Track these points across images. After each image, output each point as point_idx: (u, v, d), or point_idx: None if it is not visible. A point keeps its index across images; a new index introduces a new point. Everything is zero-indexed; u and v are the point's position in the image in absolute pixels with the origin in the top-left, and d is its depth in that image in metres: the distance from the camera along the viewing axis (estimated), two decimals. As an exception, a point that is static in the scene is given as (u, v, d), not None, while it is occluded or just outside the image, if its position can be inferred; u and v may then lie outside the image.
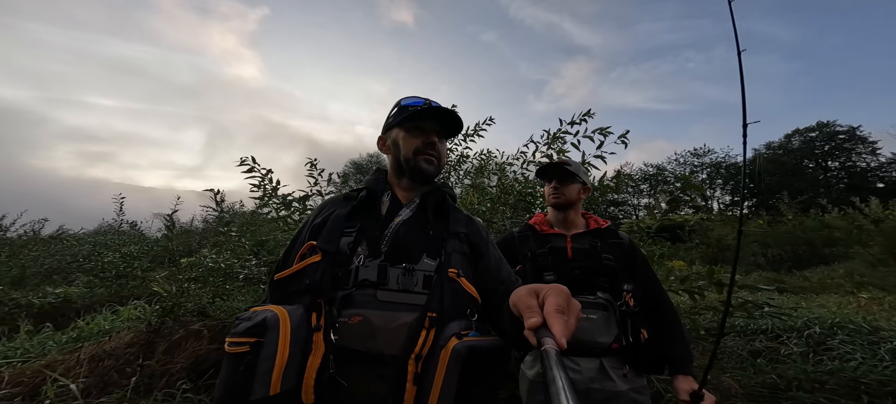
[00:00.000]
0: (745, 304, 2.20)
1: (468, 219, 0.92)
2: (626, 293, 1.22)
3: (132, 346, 2.02)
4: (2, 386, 1.60)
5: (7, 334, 2.70)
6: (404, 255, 0.77)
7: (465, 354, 0.63)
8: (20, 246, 6.33)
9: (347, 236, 0.78)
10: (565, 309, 0.50)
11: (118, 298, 3.85)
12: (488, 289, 0.82)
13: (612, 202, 26.45)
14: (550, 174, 1.40)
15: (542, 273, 1.26)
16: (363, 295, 0.72)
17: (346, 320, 0.69)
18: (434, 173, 0.90)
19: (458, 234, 0.84)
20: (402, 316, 0.70)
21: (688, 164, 36.50)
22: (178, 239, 4.80)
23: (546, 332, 0.46)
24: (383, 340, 0.68)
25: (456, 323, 0.69)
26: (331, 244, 0.76)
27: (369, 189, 0.88)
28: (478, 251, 0.86)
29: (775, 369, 2.40)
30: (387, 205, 0.87)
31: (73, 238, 6.98)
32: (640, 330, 1.19)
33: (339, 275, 0.73)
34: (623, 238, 1.36)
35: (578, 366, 1.16)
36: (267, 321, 0.62)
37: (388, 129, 0.94)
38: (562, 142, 2.46)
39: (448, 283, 0.74)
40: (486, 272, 0.85)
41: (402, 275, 0.74)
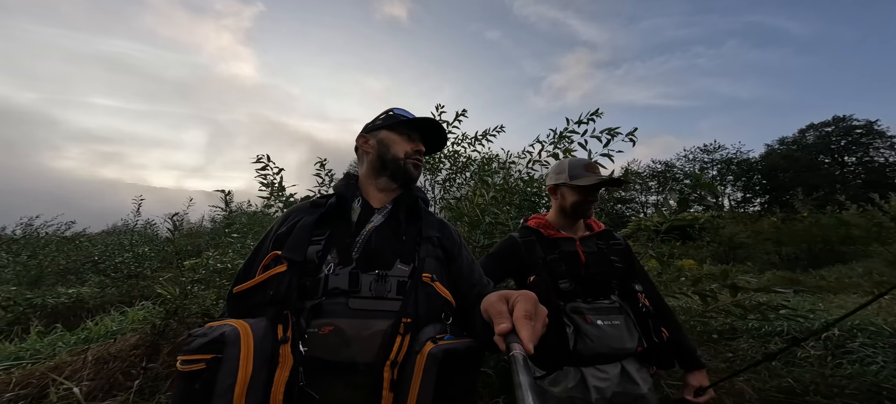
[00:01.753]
0: (760, 307, 2.12)
1: (440, 223, 0.91)
2: (640, 294, 1.19)
3: (137, 348, 2.04)
4: (10, 388, 1.62)
5: (20, 335, 2.76)
6: (377, 262, 0.76)
7: (440, 358, 0.63)
8: (39, 247, 6.51)
9: (315, 244, 0.76)
10: (533, 315, 0.51)
11: (127, 298, 3.91)
12: (461, 292, 0.81)
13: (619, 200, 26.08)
14: (599, 186, 1.29)
15: (557, 280, 1.18)
16: (334, 303, 0.70)
17: (315, 330, 0.67)
18: (416, 178, 0.92)
19: (431, 239, 0.83)
20: (375, 324, 0.69)
21: (697, 161, 35.78)
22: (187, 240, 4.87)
23: (515, 338, 0.48)
24: (357, 348, 0.67)
25: (431, 327, 0.69)
26: (297, 253, 0.73)
27: (339, 194, 0.86)
28: (451, 255, 0.86)
29: (791, 373, 2.31)
30: (358, 211, 0.85)
31: (85, 238, 7.14)
32: (660, 329, 1.16)
33: (307, 285, 0.71)
34: (620, 239, 1.33)
35: (606, 374, 1.12)
36: (225, 335, 0.59)
37: (374, 130, 0.94)
38: (568, 142, 2.41)
39: (422, 288, 0.74)
40: (459, 276, 0.84)
41: (375, 282, 0.73)
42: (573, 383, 1.11)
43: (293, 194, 2.56)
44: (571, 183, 1.27)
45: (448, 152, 3.05)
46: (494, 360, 1.99)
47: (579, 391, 1.10)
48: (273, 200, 2.54)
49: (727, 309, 2.36)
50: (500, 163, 3.03)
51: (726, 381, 2.19)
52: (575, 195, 1.27)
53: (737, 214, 16.99)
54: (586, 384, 1.11)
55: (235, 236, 2.91)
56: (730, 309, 2.34)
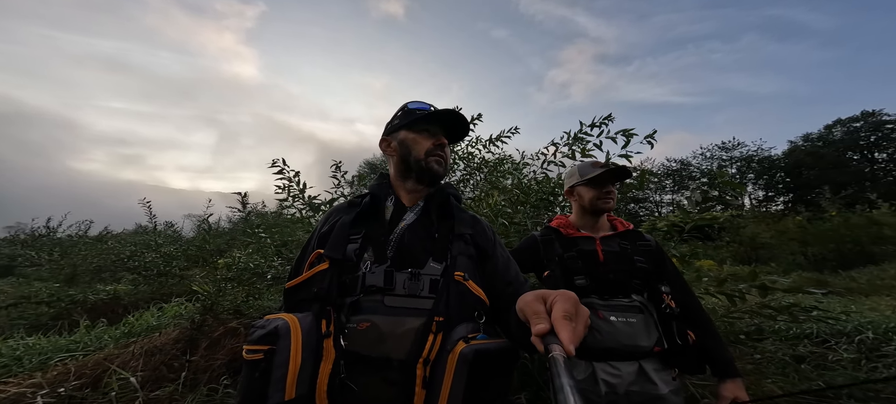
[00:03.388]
0: (790, 307, 2.08)
1: (473, 219, 0.91)
2: (666, 295, 1.19)
3: (178, 342, 2.15)
4: (70, 378, 1.75)
5: (67, 328, 2.95)
6: (410, 260, 0.78)
7: (471, 358, 0.63)
8: (70, 246, 6.85)
9: (353, 243, 0.79)
10: (573, 316, 0.49)
11: (160, 295, 4.10)
12: (497, 290, 0.81)
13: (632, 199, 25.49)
14: (610, 178, 1.34)
15: (573, 277, 1.23)
16: (371, 301, 0.73)
17: (354, 326, 0.70)
18: (442, 174, 0.92)
19: (463, 236, 0.83)
20: (409, 321, 0.71)
21: (715, 158, 34.65)
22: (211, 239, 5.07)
23: (553, 339, 0.46)
24: (391, 345, 0.69)
25: (463, 326, 0.69)
26: (337, 251, 0.77)
27: (373, 194, 0.89)
28: (484, 252, 0.86)
29: (822, 376, 2.25)
30: (391, 209, 0.88)
31: (115, 238, 7.48)
32: (686, 332, 1.16)
33: (347, 282, 0.75)
34: (650, 240, 1.33)
35: (618, 371, 1.14)
36: (278, 329, 0.65)
37: (394, 131, 0.94)
38: (582, 143, 2.41)
39: (454, 287, 0.74)
40: (494, 274, 0.84)
41: (409, 280, 0.74)
42: (583, 375, 1.15)
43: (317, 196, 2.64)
44: (583, 179, 1.35)
45: (463, 154, 3.08)
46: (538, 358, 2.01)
47: (589, 384, 1.14)
48: (292, 201, 2.61)
49: (755, 309, 2.31)
50: (513, 164, 3.04)
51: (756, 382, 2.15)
52: (590, 191, 1.34)
53: (759, 213, 16.40)
54: (596, 378, 1.14)
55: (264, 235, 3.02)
56: (757, 310, 2.29)
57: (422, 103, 0.94)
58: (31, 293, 4.28)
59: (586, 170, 1.36)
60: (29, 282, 5.29)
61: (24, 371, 1.95)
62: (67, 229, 7.94)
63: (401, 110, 0.95)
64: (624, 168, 1.35)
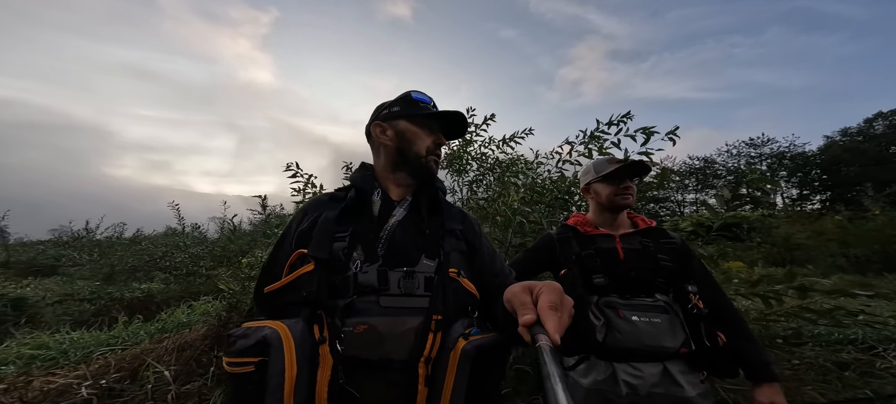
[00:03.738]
0: (833, 311, 1.95)
1: (462, 214, 0.90)
2: (693, 294, 1.14)
3: (206, 338, 2.25)
4: (111, 370, 1.86)
5: (107, 324, 3.14)
6: (403, 258, 0.75)
7: (474, 354, 0.64)
8: (107, 247, 7.30)
9: (340, 241, 0.74)
10: (559, 306, 0.50)
11: (189, 294, 4.30)
12: (484, 283, 0.80)
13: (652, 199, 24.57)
14: (626, 174, 1.31)
15: (592, 276, 1.20)
16: (365, 302, 0.70)
17: (350, 329, 0.67)
18: (434, 173, 0.89)
19: (454, 232, 0.82)
20: (407, 321, 0.69)
21: (743, 156, 32.96)
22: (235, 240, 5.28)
23: (540, 329, 0.47)
24: (391, 346, 0.68)
25: (460, 323, 0.69)
26: (322, 251, 0.71)
27: (358, 187, 0.84)
28: (473, 246, 0.85)
29: (869, 384, 2.09)
30: (378, 204, 0.83)
31: (147, 240, 7.92)
32: (715, 333, 1.10)
33: (337, 283, 0.70)
34: (675, 238, 1.28)
35: (640, 372, 1.10)
36: (268, 338, 0.60)
37: (393, 119, 0.88)
38: (599, 142, 2.36)
39: (450, 284, 0.73)
40: (482, 267, 0.83)
41: (403, 279, 0.72)
42: (603, 376, 1.12)
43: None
44: (599, 176, 1.33)
45: (476, 154, 3.08)
46: (531, 357, 1.99)
47: (609, 384, 1.11)
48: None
49: (793, 312, 2.18)
50: (527, 163, 3.01)
51: (795, 389, 2.03)
52: (607, 187, 1.31)
53: (793, 213, 15.47)
54: (616, 378, 1.11)
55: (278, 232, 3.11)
56: (796, 312, 2.16)
57: (424, 95, 0.90)
58: (75, 291, 4.60)
59: (602, 167, 1.34)
60: (72, 281, 5.67)
61: (69, 363, 2.09)
62: (104, 232, 8.49)
63: (402, 98, 0.89)
64: (641, 163, 1.32)
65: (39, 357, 2.17)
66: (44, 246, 8.66)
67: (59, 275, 6.52)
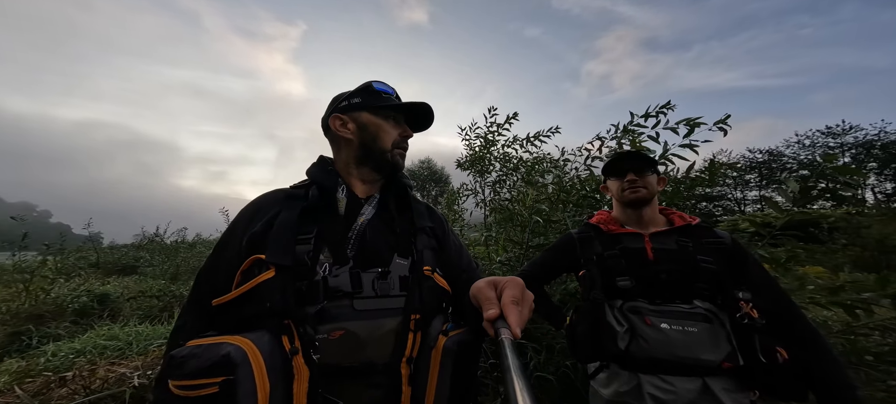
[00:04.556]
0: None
1: (429, 209, 0.89)
2: (745, 302, 0.98)
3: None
4: (160, 363, 2.05)
5: (169, 319, 3.50)
6: (374, 258, 0.72)
7: (455, 350, 0.64)
8: (173, 250, 8.23)
9: (303, 243, 0.68)
10: (520, 301, 0.52)
11: (236, 294, 4.68)
12: (452, 278, 0.80)
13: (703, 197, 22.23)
14: (623, 166, 1.21)
15: (615, 277, 1.08)
16: (338, 306, 0.65)
17: (325, 336, 0.63)
18: (400, 166, 0.84)
19: (425, 229, 0.81)
20: (385, 323, 0.68)
21: (819, 146, 28.76)
22: None
23: (503, 323, 0.49)
24: (372, 350, 0.66)
25: (437, 320, 0.70)
26: (285, 256, 0.65)
27: (319, 184, 0.77)
28: (441, 243, 0.84)
29: None
30: (344, 202, 0.78)
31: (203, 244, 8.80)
32: (774, 348, 0.94)
33: (304, 289, 0.64)
34: (723, 236, 1.11)
35: (672, 387, 0.96)
36: (231, 356, 0.53)
37: (353, 110, 0.82)
38: (634, 135, 2.16)
39: (425, 282, 0.73)
40: (449, 262, 0.83)
41: (378, 280, 0.70)
42: (626, 387, 1.02)
43: None
44: (606, 172, 1.28)
45: (499, 154, 3.01)
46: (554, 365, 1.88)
47: (633, 397, 1.01)
48: None
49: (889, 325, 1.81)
50: (552, 162, 2.87)
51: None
52: (614, 182, 1.24)
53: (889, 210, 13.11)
54: (642, 391, 0.99)
55: None
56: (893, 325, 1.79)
57: (387, 86, 0.85)
58: (146, 288, 5.21)
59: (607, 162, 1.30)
60: (146, 279, 6.45)
61: (132, 353, 2.34)
62: (170, 236, 9.57)
63: (363, 88, 0.83)
64: (638, 153, 1.21)
65: (110, 347, 2.46)
66: (127, 249, 10.00)
67: (137, 274, 7.46)
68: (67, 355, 2.26)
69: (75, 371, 1.81)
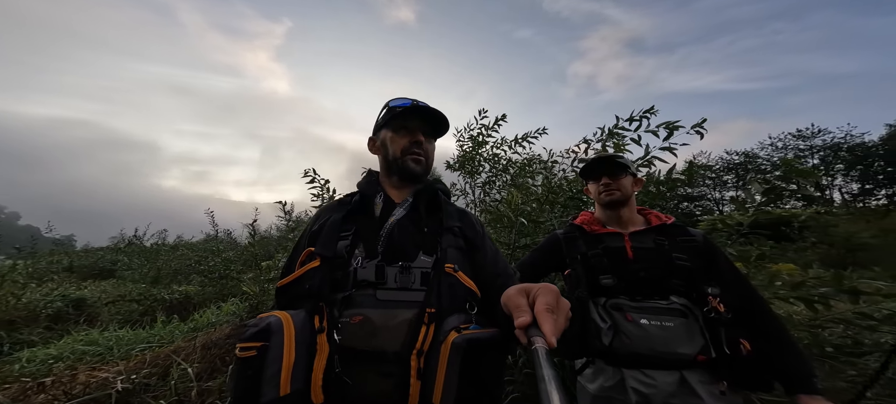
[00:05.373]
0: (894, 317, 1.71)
1: (461, 212, 0.92)
2: (713, 297, 1.05)
3: (230, 338, 2.37)
4: (145, 366, 2.01)
5: (150, 323, 3.41)
6: (401, 254, 0.78)
7: (464, 347, 0.63)
8: (154, 252, 7.96)
9: (344, 240, 0.80)
10: (555, 308, 0.50)
11: (221, 296, 4.58)
12: (486, 283, 0.81)
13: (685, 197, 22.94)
14: (598, 170, 1.27)
15: (598, 276, 1.14)
16: (363, 295, 0.73)
17: (347, 320, 0.71)
18: (421, 172, 0.91)
19: (452, 229, 0.84)
20: (401, 314, 0.71)
21: (790, 148, 30.14)
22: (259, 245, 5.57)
23: (536, 331, 0.47)
24: (385, 338, 0.69)
25: (455, 317, 0.70)
26: (328, 249, 0.78)
27: (362, 192, 0.90)
28: (473, 244, 0.86)
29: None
30: (380, 206, 0.89)
31: (186, 245, 8.54)
32: (738, 340, 1.00)
33: (339, 278, 0.75)
34: (695, 235, 1.18)
35: (653, 380, 1.02)
36: (271, 326, 0.64)
37: (378, 131, 0.96)
38: (619, 138, 2.24)
39: (445, 279, 0.75)
40: (483, 266, 0.84)
41: (400, 274, 0.75)
42: (611, 382, 1.06)
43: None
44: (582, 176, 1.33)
45: (488, 155, 3.06)
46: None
47: (617, 391, 1.05)
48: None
49: (848, 319, 1.94)
50: (541, 163, 2.94)
51: None
52: (593, 185, 1.30)
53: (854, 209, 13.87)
54: (625, 385, 1.04)
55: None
56: (852, 319, 1.92)
57: (403, 100, 0.93)
58: (126, 292, 5.03)
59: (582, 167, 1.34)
60: (125, 283, 6.22)
61: (113, 358, 2.28)
62: (149, 238, 9.23)
63: (384, 108, 0.95)
64: (608, 156, 1.28)
65: (89, 352, 2.38)
66: (103, 252, 9.59)
67: (115, 278, 7.18)
68: (44, 361, 2.18)
69: (55, 376, 1.75)
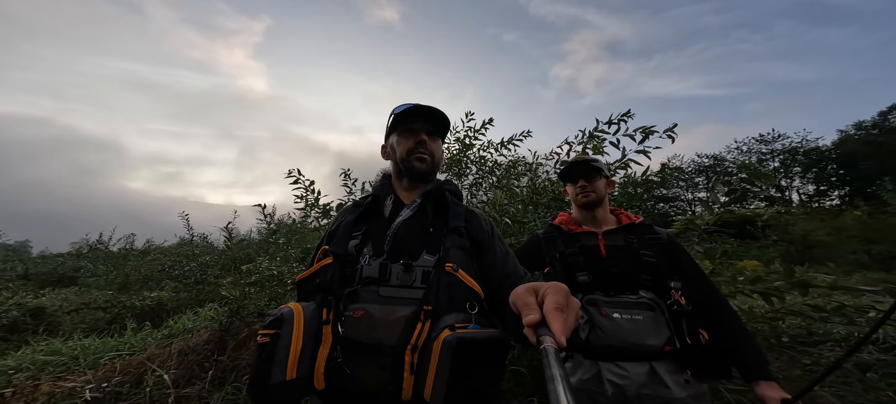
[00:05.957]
0: (843, 309, 1.88)
1: (469, 213, 0.93)
2: (675, 291, 1.12)
3: (208, 344, 2.28)
4: (115, 374, 1.90)
5: (119, 331, 3.22)
6: (405, 253, 0.81)
7: (455, 345, 0.64)
8: (121, 258, 7.51)
9: (354, 239, 0.85)
10: (564, 308, 0.50)
11: (198, 301, 4.38)
12: (496, 283, 0.83)
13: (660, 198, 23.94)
14: (575, 173, 1.34)
15: (575, 273, 1.19)
16: (367, 291, 0.77)
17: (350, 314, 0.75)
18: (427, 170, 0.94)
19: (457, 229, 0.85)
20: (400, 310, 0.74)
21: (754, 152, 32.12)
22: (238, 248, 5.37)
23: (545, 330, 0.47)
24: (383, 332, 0.72)
25: (452, 315, 0.72)
26: (340, 247, 0.84)
27: (374, 194, 0.95)
28: (480, 245, 0.87)
29: (892, 386, 1.99)
30: (390, 207, 0.93)
31: (158, 250, 8.11)
32: (698, 331, 1.08)
33: (348, 275, 0.80)
34: (661, 233, 1.26)
35: (626, 372, 1.07)
36: (284, 315, 0.71)
37: (387, 137, 1.02)
38: (598, 141, 2.34)
39: (445, 278, 0.77)
40: (493, 266, 0.85)
41: (402, 272, 0.78)
42: (588, 375, 1.11)
43: (329, 204, 2.71)
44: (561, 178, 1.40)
45: (475, 158, 3.10)
46: (527, 358, 1.96)
47: (594, 384, 1.10)
48: (309, 211, 2.69)
49: (801, 311, 2.10)
50: (526, 165, 3.01)
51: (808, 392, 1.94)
52: (571, 187, 1.36)
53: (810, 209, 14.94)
54: (601, 377, 1.09)
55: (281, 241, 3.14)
56: (805, 310, 2.08)
57: (405, 104, 0.97)
58: (90, 300, 4.73)
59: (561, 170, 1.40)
60: (89, 290, 5.83)
61: (79, 368, 2.15)
62: (115, 243, 8.70)
63: (391, 116, 0.99)
64: (584, 160, 1.35)
65: (51, 363, 2.23)
66: (64, 258, 8.95)
67: (78, 285, 6.72)
68: (3, 372, 2.03)
69: (15, 387, 1.64)
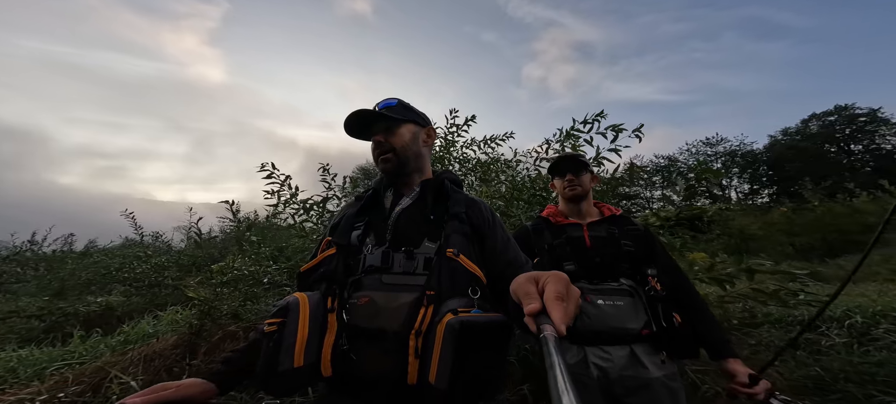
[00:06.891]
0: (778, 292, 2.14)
1: (470, 201, 0.93)
2: (651, 278, 1.21)
3: (177, 348, 2.12)
4: (69, 384, 1.70)
5: (61, 340, 2.86)
6: (406, 240, 0.83)
7: (458, 329, 0.64)
8: (56, 260, 6.65)
9: (357, 230, 0.88)
10: (565, 296, 0.49)
11: (154, 305, 4.01)
12: (497, 270, 0.83)
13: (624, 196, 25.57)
14: (564, 167, 1.41)
15: (562, 263, 1.26)
16: (370, 279, 0.80)
17: (355, 302, 0.77)
18: (393, 168, 0.92)
19: (458, 216, 0.85)
20: (403, 296, 0.76)
21: (700, 154, 35.43)
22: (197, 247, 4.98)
23: (545, 319, 0.46)
24: (386, 318, 0.74)
25: (455, 300, 0.72)
26: (343, 238, 0.87)
27: (374, 188, 0.98)
28: (481, 232, 0.87)
29: (818, 361, 2.30)
30: (390, 198, 0.95)
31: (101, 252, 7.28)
32: (672, 314, 1.17)
33: (351, 264, 0.83)
34: (638, 224, 1.36)
35: (609, 355, 1.15)
36: (289, 305, 0.72)
37: None
38: (574, 139, 2.48)
39: (446, 263, 0.77)
40: (494, 253, 0.85)
41: (404, 259, 0.80)
42: (574, 359, 1.16)
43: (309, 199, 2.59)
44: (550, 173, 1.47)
45: (458, 156, 3.12)
46: (517, 349, 2.02)
47: (580, 368, 1.15)
48: (284, 207, 2.53)
49: (746, 294, 2.37)
50: (506, 163, 3.09)
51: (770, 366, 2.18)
52: (558, 181, 1.43)
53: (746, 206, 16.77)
54: (588, 361, 1.15)
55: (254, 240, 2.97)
56: (749, 294, 2.35)
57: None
58: (20, 308, 4.15)
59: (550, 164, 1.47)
60: (17, 298, 5.11)
61: (19, 381, 1.89)
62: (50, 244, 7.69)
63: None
64: (572, 155, 1.44)
65: (-20, 379, 1.94)
66: (-23, 261, 7.73)
67: (4, 291, 5.85)
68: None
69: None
